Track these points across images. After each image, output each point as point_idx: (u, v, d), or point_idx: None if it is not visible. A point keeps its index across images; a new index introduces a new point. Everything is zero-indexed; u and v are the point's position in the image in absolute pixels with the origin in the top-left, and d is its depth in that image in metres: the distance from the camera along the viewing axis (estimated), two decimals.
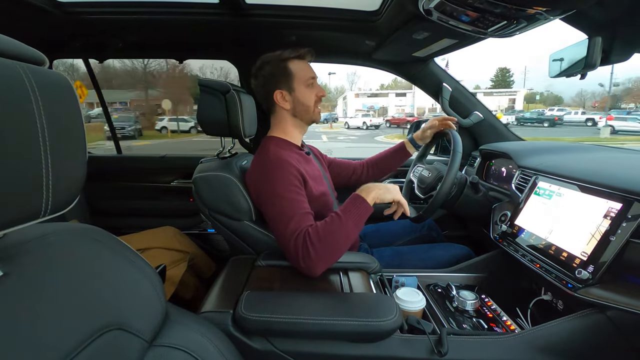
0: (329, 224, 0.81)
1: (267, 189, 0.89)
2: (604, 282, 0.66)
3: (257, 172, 0.95)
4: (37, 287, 0.34)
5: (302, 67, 1.00)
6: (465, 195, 1.11)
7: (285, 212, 0.84)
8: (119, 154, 1.98)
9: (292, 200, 0.86)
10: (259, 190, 0.93)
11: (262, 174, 0.92)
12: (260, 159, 0.96)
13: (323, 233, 0.79)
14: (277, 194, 0.87)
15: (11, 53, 0.30)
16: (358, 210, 0.83)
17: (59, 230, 0.41)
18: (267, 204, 0.89)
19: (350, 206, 0.83)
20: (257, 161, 0.97)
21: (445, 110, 1.45)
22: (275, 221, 0.86)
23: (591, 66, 0.78)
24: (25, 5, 1.04)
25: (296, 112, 1.02)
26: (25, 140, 0.29)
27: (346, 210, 0.83)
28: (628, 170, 0.80)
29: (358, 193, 0.86)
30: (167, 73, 23.21)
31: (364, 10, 1.18)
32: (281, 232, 0.84)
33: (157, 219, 1.71)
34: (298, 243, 0.79)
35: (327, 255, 0.79)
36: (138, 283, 0.45)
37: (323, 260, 0.79)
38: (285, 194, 0.86)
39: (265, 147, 0.99)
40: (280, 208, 0.85)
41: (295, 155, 0.98)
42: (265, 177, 0.90)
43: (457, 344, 0.68)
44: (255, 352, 0.69)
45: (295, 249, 0.79)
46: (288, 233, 0.81)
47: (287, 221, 0.83)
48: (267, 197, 0.89)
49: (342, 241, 0.80)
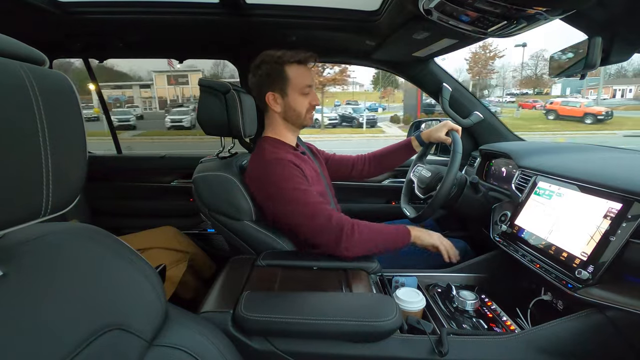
0: (373, 227, 0.93)
1: (275, 190, 0.91)
2: (604, 282, 0.66)
3: (258, 174, 0.96)
4: (37, 287, 0.34)
5: (300, 73, 0.99)
6: (465, 195, 1.10)
7: (306, 202, 0.90)
8: (119, 154, 1.98)
9: (305, 192, 0.91)
10: (265, 193, 0.94)
11: (265, 176, 0.93)
12: (259, 161, 0.96)
13: (367, 231, 0.91)
14: (287, 189, 0.90)
15: (11, 53, 0.30)
16: (399, 235, 0.95)
17: (59, 230, 0.41)
18: (281, 204, 0.91)
19: (397, 228, 0.96)
20: (256, 164, 0.97)
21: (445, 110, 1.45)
22: (298, 215, 0.90)
23: (591, 66, 0.78)
24: (25, 5, 1.04)
25: (287, 116, 1.02)
26: (25, 140, 0.29)
27: (393, 228, 0.95)
28: (628, 171, 0.80)
29: (410, 229, 0.97)
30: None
31: (364, 10, 1.17)
32: (312, 223, 0.90)
33: (157, 219, 1.71)
34: (341, 232, 0.88)
35: (362, 251, 0.91)
36: (138, 283, 0.45)
37: (358, 253, 0.90)
38: (297, 186, 0.91)
39: (261, 148, 0.99)
40: (297, 202, 0.90)
41: (291, 155, 0.99)
42: (270, 179, 0.91)
43: (457, 344, 0.68)
44: (255, 352, 0.69)
45: (337, 237, 0.88)
46: (321, 221, 0.89)
47: (312, 211, 0.90)
48: (278, 197, 0.91)
49: (376, 245, 0.92)
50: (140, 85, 30.21)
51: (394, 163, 1.33)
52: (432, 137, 1.21)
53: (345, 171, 1.32)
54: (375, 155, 1.34)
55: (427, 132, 1.24)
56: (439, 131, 1.18)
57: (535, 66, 38.88)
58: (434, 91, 1.52)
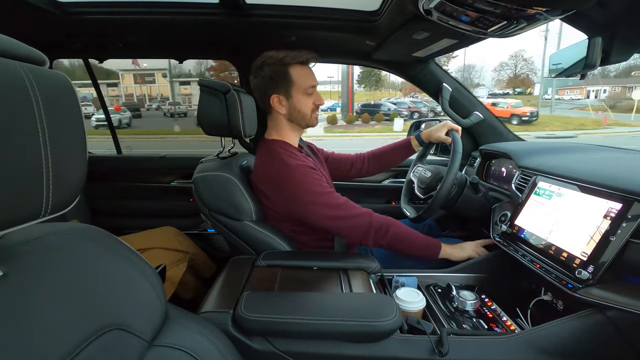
0: (407, 233, 0.99)
1: (301, 195, 0.93)
2: (604, 283, 0.66)
3: (274, 177, 0.96)
4: (37, 287, 0.34)
5: (304, 73, 0.99)
6: (465, 196, 1.10)
7: (338, 205, 0.95)
8: (119, 154, 1.98)
9: (331, 194, 0.96)
10: (287, 197, 0.95)
11: (287, 181, 0.94)
12: (275, 165, 0.96)
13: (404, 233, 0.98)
14: (315, 193, 0.94)
15: (11, 53, 0.30)
16: (430, 249, 1.01)
17: (59, 230, 0.41)
18: (309, 207, 0.94)
19: (429, 241, 1.01)
20: (272, 167, 0.97)
21: (445, 110, 1.45)
22: (330, 218, 0.94)
23: (591, 66, 0.78)
24: (25, 5, 1.04)
25: (292, 117, 1.02)
26: (25, 140, 0.29)
27: (424, 240, 1.00)
28: (628, 171, 0.80)
29: (442, 245, 1.01)
30: None
31: (364, 10, 1.17)
32: (346, 223, 0.95)
33: (157, 219, 1.71)
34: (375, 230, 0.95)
35: (392, 247, 0.98)
36: (138, 283, 0.45)
37: (388, 247, 0.98)
38: (323, 190, 0.95)
39: (271, 151, 0.99)
40: (329, 206, 0.94)
41: (310, 161, 1.01)
42: (294, 185, 0.94)
43: (457, 344, 0.68)
44: (255, 353, 0.69)
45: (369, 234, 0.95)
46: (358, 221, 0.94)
47: (345, 212, 0.95)
48: (305, 201, 0.94)
49: (406, 248, 0.99)
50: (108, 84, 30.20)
51: (392, 162, 1.33)
52: (432, 137, 1.21)
53: (344, 170, 1.32)
54: (374, 153, 1.34)
55: (427, 132, 1.24)
56: (438, 131, 1.18)
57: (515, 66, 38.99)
58: (434, 91, 1.52)
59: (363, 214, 0.96)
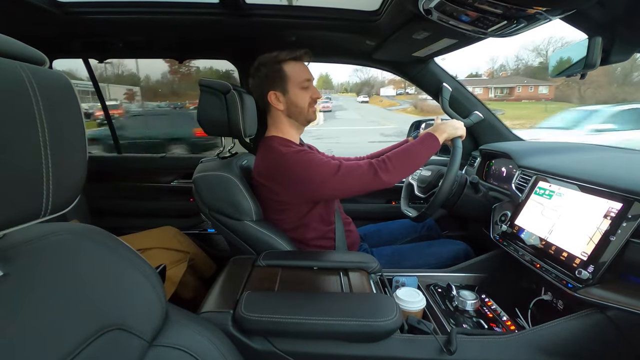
0: (400, 153, 0.98)
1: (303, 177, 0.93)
2: (604, 282, 0.66)
3: (273, 169, 0.96)
4: (37, 287, 0.34)
5: (298, 69, 1.01)
6: (466, 195, 1.11)
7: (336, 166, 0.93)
8: (119, 154, 1.98)
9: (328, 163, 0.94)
10: (289, 181, 0.95)
11: (284, 169, 0.94)
12: (273, 157, 0.97)
13: (398, 154, 0.97)
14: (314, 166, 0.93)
15: (11, 53, 0.30)
16: (429, 146, 1.00)
17: (59, 230, 0.41)
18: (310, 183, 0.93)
19: (423, 140, 1.01)
20: (270, 161, 0.97)
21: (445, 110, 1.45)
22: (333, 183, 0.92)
23: (591, 66, 0.78)
24: (25, 5, 1.04)
25: (290, 113, 1.03)
26: (25, 140, 0.29)
27: (418, 143, 1.01)
28: (628, 170, 0.80)
29: (432, 132, 1.02)
30: None
31: (364, 10, 1.17)
32: (348, 183, 0.93)
33: (157, 219, 1.71)
34: (374, 166, 0.93)
35: (401, 169, 0.96)
36: (138, 283, 0.45)
37: (398, 172, 0.96)
38: (320, 161, 0.94)
39: (269, 147, 0.99)
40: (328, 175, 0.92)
41: (303, 147, 1.01)
42: (294, 171, 0.94)
43: (462, 343, 0.68)
44: (255, 352, 0.69)
45: (374, 171, 0.93)
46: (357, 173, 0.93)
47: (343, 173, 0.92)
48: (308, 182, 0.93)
49: (413, 163, 0.99)
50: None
51: None
52: None
53: None
54: (374, 156, 1.34)
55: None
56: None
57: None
58: (433, 91, 1.52)
59: (362, 163, 0.96)
